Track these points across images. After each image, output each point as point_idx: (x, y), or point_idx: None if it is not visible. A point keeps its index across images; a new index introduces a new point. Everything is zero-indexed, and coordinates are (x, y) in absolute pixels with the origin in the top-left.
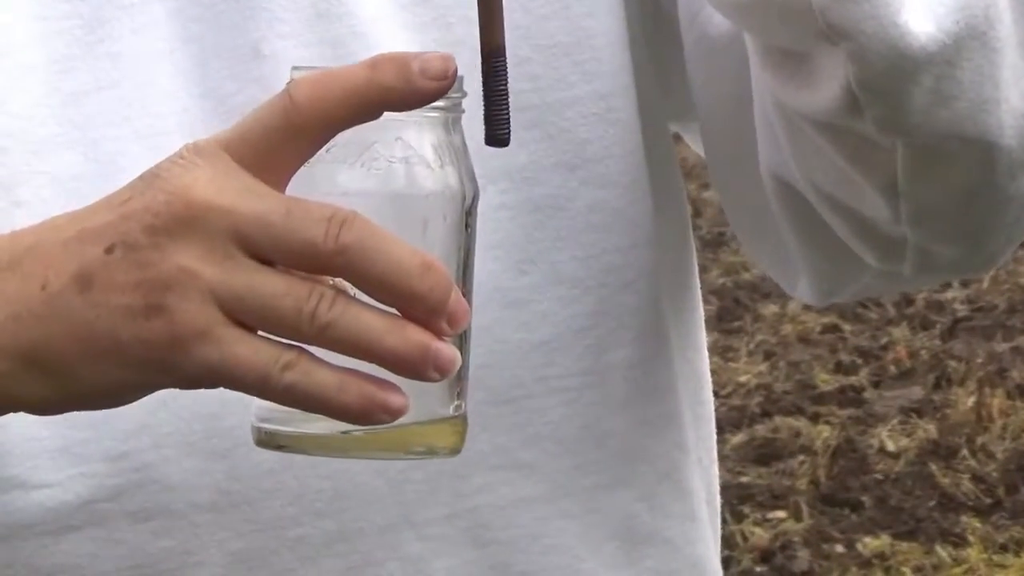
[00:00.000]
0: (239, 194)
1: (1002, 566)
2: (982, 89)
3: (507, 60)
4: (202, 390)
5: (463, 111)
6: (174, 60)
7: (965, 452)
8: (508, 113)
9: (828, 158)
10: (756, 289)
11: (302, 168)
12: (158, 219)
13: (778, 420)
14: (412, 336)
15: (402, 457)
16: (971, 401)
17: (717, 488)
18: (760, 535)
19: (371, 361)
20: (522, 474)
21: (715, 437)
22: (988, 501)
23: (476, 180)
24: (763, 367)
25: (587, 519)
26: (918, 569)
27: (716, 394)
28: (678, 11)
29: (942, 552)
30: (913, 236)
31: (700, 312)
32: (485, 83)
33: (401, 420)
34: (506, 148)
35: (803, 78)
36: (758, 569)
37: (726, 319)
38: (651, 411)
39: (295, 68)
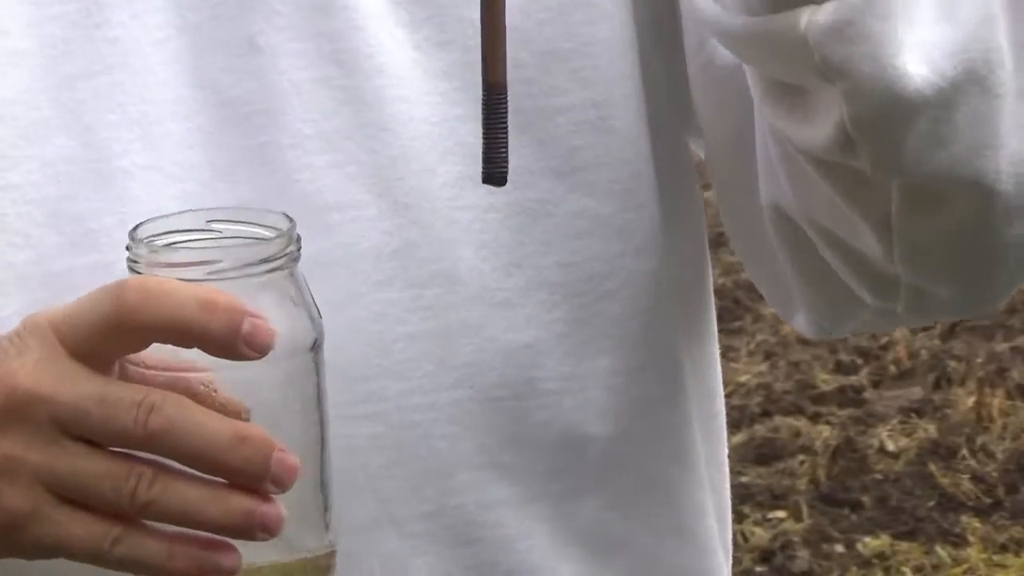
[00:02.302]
0: (59, 380)
1: (1002, 566)
2: (979, 134)
3: (508, 97)
4: None
5: (299, 257)
6: (170, 49)
7: (965, 452)
8: (507, 151)
9: (824, 193)
10: (756, 289)
11: None
12: None
13: (778, 420)
14: (234, 504)
15: None
16: (971, 401)
17: (727, 505)
18: (760, 535)
19: (199, 530)
20: (501, 474)
21: (725, 452)
22: (988, 501)
23: (319, 317)
24: (763, 367)
25: (554, 523)
26: (918, 569)
27: None
28: (684, 39)
29: (942, 552)
30: (906, 275)
31: (713, 326)
32: (485, 119)
33: (272, 559)
34: None
35: (800, 113)
36: (758, 569)
37: (726, 319)
38: (637, 421)
39: (132, 232)
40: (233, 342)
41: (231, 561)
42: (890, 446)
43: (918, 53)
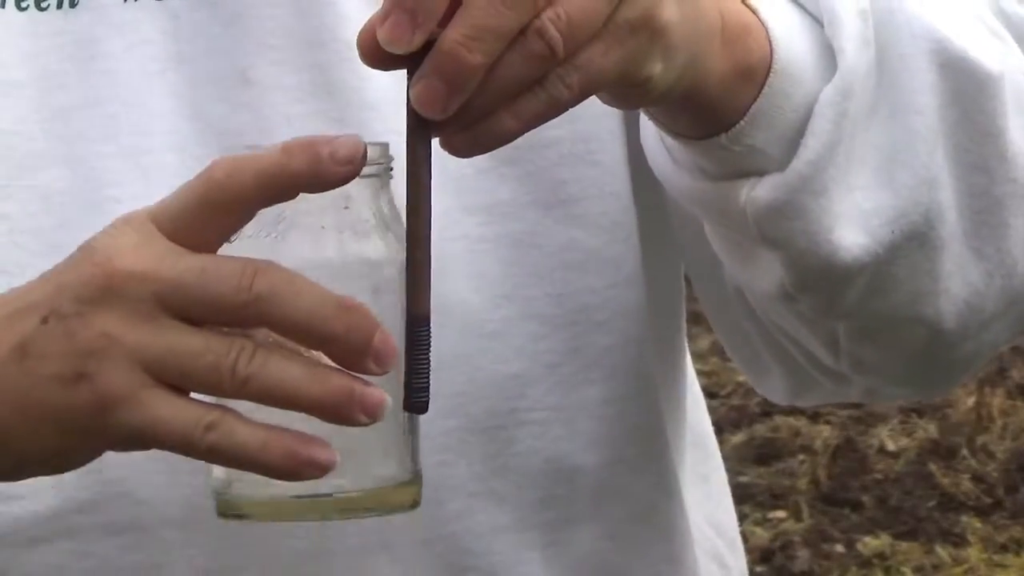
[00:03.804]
0: (158, 258)
1: (1002, 566)
2: (919, 283)
3: (431, 330)
4: None
5: (392, 177)
6: (165, 81)
7: (965, 452)
8: (428, 381)
9: (777, 307)
10: None
11: (247, 240)
12: (85, 289)
13: (778, 419)
14: (334, 381)
15: (361, 517)
16: (971, 401)
17: (728, 543)
18: (760, 535)
19: (297, 410)
20: (494, 503)
21: (726, 491)
22: (988, 501)
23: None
24: None
25: (548, 552)
26: (918, 569)
27: (715, 394)
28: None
29: (942, 552)
30: (856, 380)
31: (685, 355)
32: (408, 350)
33: (361, 485)
34: (486, 183)
35: (747, 263)
36: (758, 569)
37: None
38: (627, 450)
39: (247, 148)
40: (319, 169)
41: (327, 456)
42: (890, 446)
43: (856, 222)
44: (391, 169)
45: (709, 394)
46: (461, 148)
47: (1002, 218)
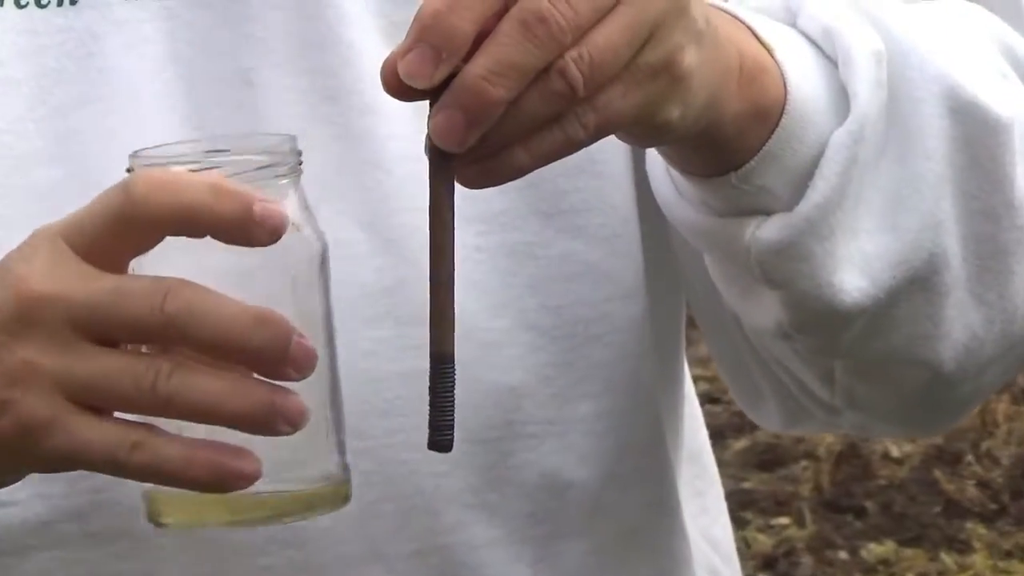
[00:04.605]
0: (71, 281)
1: (1007, 572)
2: (919, 326)
3: (455, 368)
4: None
5: (302, 171)
6: (163, 80)
7: (970, 458)
8: (452, 419)
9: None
10: None
11: (161, 246)
12: (1, 316)
13: None
14: (254, 394)
15: (289, 521)
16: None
17: (724, 558)
18: (763, 541)
19: (219, 424)
20: (488, 515)
21: (722, 506)
22: (993, 507)
23: (323, 234)
24: None
25: (537, 567)
26: (922, 575)
27: (718, 399)
28: None
29: (947, 558)
30: (849, 414)
31: (683, 368)
32: (432, 388)
33: (287, 488)
34: (486, 192)
35: (745, 294)
36: None
37: None
38: (623, 466)
39: (133, 156)
40: (245, 225)
41: (252, 467)
42: (894, 452)
43: (858, 265)
44: (300, 163)
45: (711, 399)
46: (472, 180)
47: (1006, 265)
